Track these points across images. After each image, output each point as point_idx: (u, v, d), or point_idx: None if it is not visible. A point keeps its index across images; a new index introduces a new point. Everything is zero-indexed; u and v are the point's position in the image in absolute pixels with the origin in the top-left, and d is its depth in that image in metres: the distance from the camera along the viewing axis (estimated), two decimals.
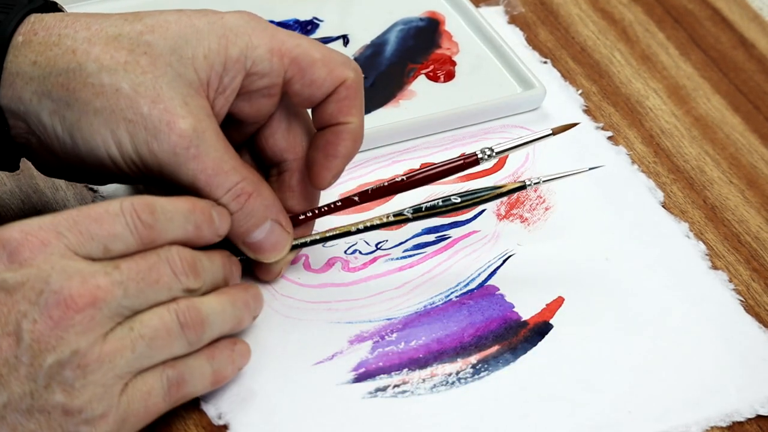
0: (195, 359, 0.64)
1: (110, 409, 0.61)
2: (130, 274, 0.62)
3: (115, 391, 0.61)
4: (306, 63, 0.68)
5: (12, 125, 0.67)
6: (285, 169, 0.72)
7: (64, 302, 0.59)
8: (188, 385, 0.64)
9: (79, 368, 0.60)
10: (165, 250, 0.63)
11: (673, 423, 0.69)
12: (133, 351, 0.61)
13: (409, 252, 0.76)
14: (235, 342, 0.67)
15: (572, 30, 0.93)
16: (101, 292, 0.60)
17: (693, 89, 0.89)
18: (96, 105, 0.65)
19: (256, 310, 0.69)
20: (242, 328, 0.68)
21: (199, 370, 0.65)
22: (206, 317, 0.64)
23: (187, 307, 0.63)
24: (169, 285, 0.63)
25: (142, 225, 0.63)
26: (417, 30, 0.90)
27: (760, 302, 0.76)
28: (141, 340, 0.62)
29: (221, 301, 0.66)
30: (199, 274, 0.64)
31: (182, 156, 0.65)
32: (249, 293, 0.68)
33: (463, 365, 0.71)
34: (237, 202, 0.67)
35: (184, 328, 0.63)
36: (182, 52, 0.66)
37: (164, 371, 0.63)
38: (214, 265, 0.66)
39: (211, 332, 0.65)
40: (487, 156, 0.73)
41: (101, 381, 0.60)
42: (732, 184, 0.83)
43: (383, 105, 0.85)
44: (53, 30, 0.66)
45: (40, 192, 0.78)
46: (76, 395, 0.60)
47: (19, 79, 0.66)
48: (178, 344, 0.63)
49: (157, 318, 0.62)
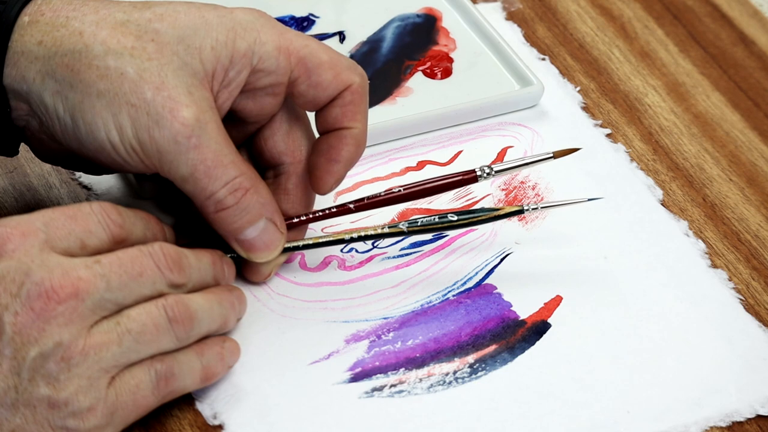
0: (184, 354, 0.65)
1: (98, 402, 0.61)
2: (112, 267, 0.62)
3: (101, 384, 0.61)
4: (313, 64, 0.68)
5: (14, 107, 0.67)
6: (282, 172, 0.72)
7: (46, 294, 0.60)
8: (177, 380, 0.64)
9: (63, 361, 0.60)
10: (148, 245, 0.64)
11: (672, 423, 0.69)
12: (119, 345, 0.61)
13: (406, 250, 0.76)
14: (225, 339, 0.67)
15: (570, 26, 0.93)
16: (83, 284, 0.60)
17: (692, 86, 0.89)
18: (99, 87, 0.65)
19: (240, 311, 0.69)
20: (228, 328, 0.68)
21: (188, 365, 0.65)
22: (194, 313, 0.64)
23: (176, 302, 0.63)
24: (153, 278, 0.63)
25: (112, 223, 0.63)
26: (414, 26, 0.90)
27: (760, 301, 0.76)
28: (128, 335, 0.62)
29: (208, 299, 0.66)
30: (183, 269, 0.64)
31: (183, 145, 0.65)
32: (234, 294, 0.68)
33: (461, 365, 0.71)
34: (233, 197, 0.67)
35: (173, 323, 0.63)
36: (190, 41, 0.66)
37: (153, 365, 0.63)
38: (201, 263, 0.67)
39: (199, 329, 0.65)
40: (486, 174, 0.73)
41: (86, 374, 0.60)
42: (732, 182, 0.83)
43: (380, 102, 0.85)
44: (61, 12, 0.66)
45: (33, 190, 0.78)
46: (61, 388, 0.60)
47: (24, 58, 0.66)
48: (166, 339, 0.63)
49: (145, 313, 0.63)
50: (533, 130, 0.84)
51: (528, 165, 0.74)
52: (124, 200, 0.77)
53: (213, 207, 0.67)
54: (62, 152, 0.69)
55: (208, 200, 0.67)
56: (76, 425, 0.61)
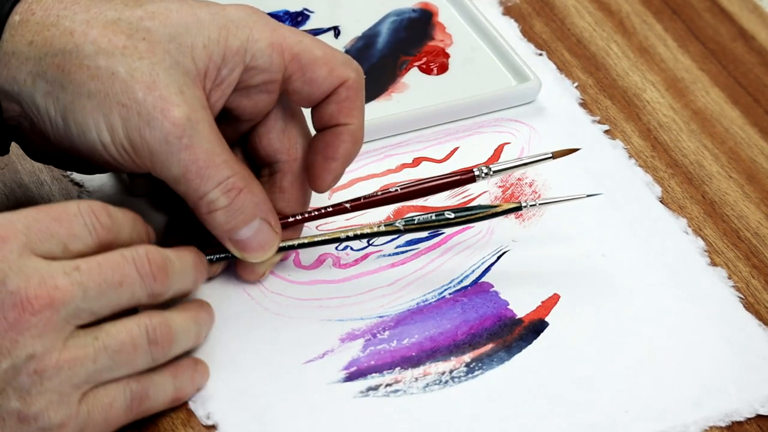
0: (160, 376, 0.65)
1: (68, 419, 0.61)
2: (91, 275, 0.61)
3: (72, 400, 0.61)
4: (307, 60, 0.68)
5: (5, 107, 0.67)
6: (277, 171, 0.72)
7: (20, 304, 0.59)
8: (150, 401, 0.64)
9: (35, 374, 0.59)
10: (132, 249, 0.63)
11: (671, 423, 0.69)
12: (94, 362, 0.61)
13: (402, 248, 0.76)
14: (197, 362, 0.68)
15: (568, 21, 0.92)
16: (59, 293, 0.60)
17: (691, 82, 0.89)
18: (90, 87, 0.64)
19: (210, 327, 0.69)
20: (198, 345, 0.68)
21: (162, 387, 0.65)
22: (175, 335, 0.64)
23: (159, 324, 0.63)
24: (132, 288, 0.63)
25: (100, 226, 0.63)
26: (409, 21, 0.90)
27: (760, 299, 0.76)
28: (104, 352, 0.61)
29: (186, 318, 0.66)
30: (168, 275, 0.64)
31: (174, 145, 0.65)
32: (206, 311, 0.68)
33: (457, 364, 0.70)
34: (227, 197, 0.67)
35: (152, 344, 0.63)
36: (181, 40, 0.66)
37: (129, 384, 0.63)
38: (185, 265, 0.66)
39: (177, 349, 0.65)
40: (484, 174, 0.73)
41: (58, 389, 0.60)
42: (731, 179, 0.83)
43: (375, 98, 0.84)
44: (51, 10, 0.66)
45: (24, 187, 0.77)
46: (32, 402, 0.60)
47: (15, 58, 0.65)
48: (142, 360, 0.63)
49: (125, 331, 0.62)
50: (530, 127, 0.84)
51: (527, 165, 0.74)
52: (117, 198, 0.77)
53: (206, 207, 0.67)
54: (54, 152, 0.69)
55: (200, 201, 0.66)
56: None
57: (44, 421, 0.60)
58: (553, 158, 0.73)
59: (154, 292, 0.63)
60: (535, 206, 0.73)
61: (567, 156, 0.74)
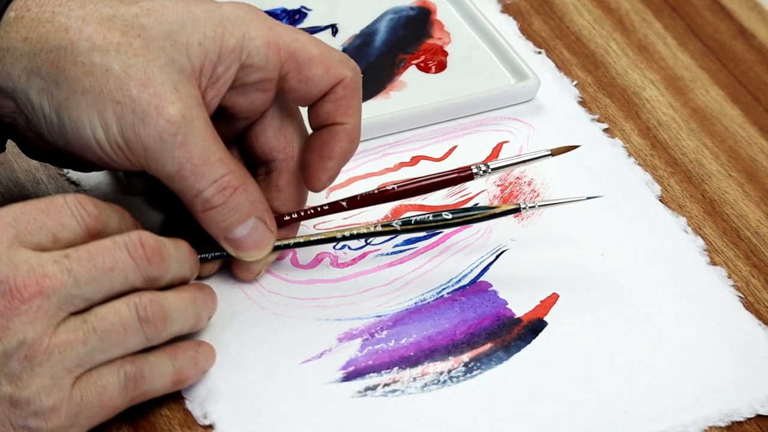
0: (156, 356, 0.64)
1: (61, 403, 0.61)
2: (81, 261, 0.61)
3: (65, 384, 0.61)
4: (303, 59, 0.68)
5: (0, 104, 0.67)
6: (273, 169, 0.72)
7: (10, 292, 0.60)
8: (147, 382, 0.64)
9: (26, 359, 0.60)
10: (125, 235, 0.63)
11: (671, 423, 0.69)
12: (84, 344, 0.61)
13: (400, 247, 0.76)
14: (200, 343, 0.67)
15: (567, 19, 0.92)
16: (49, 281, 0.60)
17: (691, 80, 0.89)
18: (85, 84, 0.65)
19: (212, 310, 0.69)
20: (199, 328, 0.68)
21: (159, 368, 0.64)
22: (169, 313, 0.64)
23: (150, 301, 0.63)
24: (125, 272, 0.63)
25: (87, 215, 0.63)
26: (407, 19, 0.90)
27: (760, 299, 0.76)
28: (94, 334, 0.61)
29: (183, 298, 0.65)
30: (163, 258, 0.64)
31: (169, 143, 0.65)
32: (206, 293, 0.68)
33: (455, 363, 0.70)
34: (222, 195, 0.67)
35: (143, 323, 0.63)
36: (177, 37, 0.66)
37: (122, 366, 0.63)
38: (180, 252, 0.66)
39: (171, 329, 0.65)
40: (482, 171, 0.73)
41: (49, 373, 0.60)
42: (731, 178, 0.83)
43: (373, 96, 0.84)
44: (47, 7, 0.66)
45: (20, 185, 0.77)
46: (23, 386, 0.60)
47: (10, 55, 0.65)
48: (134, 339, 0.63)
49: (114, 312, 0.62)
50: (529, 125, 0.84)
51: (525, 163, 0.73)
52: (113, 196, 0.77)
53: (200, 206, 0.67)
54: (50, 149, 0.69)
55: (195, 199, 0.66)
56: (38, 425, 0.61)
57: (36, 405, 0.60)
58: (552, 155, 0.73)
59: (150, 276, 0.63)
60: (534, 207, 0.73)
61: (566, 154, 0.74)
